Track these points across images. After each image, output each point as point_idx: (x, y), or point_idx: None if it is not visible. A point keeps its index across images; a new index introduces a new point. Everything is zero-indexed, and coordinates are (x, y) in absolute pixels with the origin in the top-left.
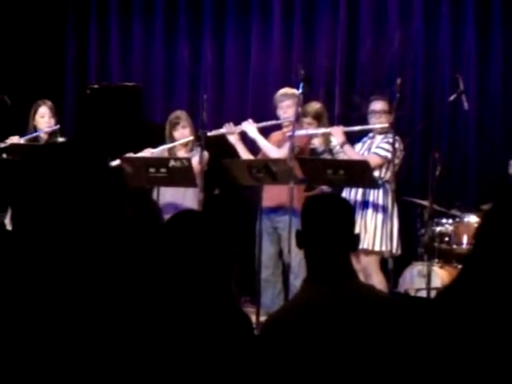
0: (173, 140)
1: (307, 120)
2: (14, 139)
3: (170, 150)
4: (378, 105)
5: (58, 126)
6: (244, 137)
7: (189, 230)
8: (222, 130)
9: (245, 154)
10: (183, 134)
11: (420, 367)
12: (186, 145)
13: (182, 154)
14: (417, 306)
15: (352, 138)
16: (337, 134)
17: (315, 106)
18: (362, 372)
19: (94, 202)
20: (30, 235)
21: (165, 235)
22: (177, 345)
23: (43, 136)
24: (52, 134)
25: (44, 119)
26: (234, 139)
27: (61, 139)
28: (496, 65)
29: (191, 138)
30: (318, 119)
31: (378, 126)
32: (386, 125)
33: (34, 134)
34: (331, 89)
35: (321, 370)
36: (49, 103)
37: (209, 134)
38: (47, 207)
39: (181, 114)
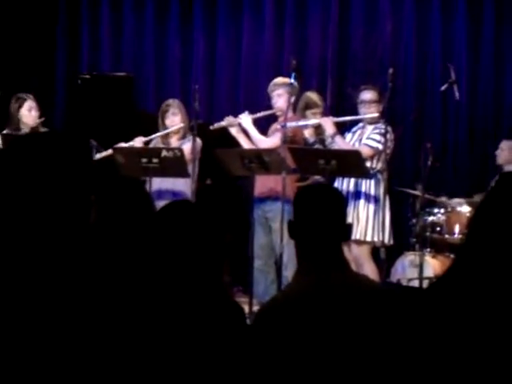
0: (165, 128)
1: (319, 110)
2: None
3: (163, 138)
4: (367, 94)
5: (42, 119)
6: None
7: (181, 219)
8: (223, 123)
9: (247, 145)
10: (173, 121)
11: (412, 356)
12: (177, 132)
13: (174, 141)
14: (409, 296)
15: (342, 128)
16: (327, 125)
17: (314, 94)
18: (354, 362)
19: (72, 193)
20: (7, 225)
21: (156, 225)
22: (168, 335)
23: (26, 129)
24: (35, 127)
25: (31, 113)
26: (235, 131)
27: (43, 129)
28: (487, 54)
29: (181, 125)
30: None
31: (368, 116)
32: (376, 115)
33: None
34: (323, 79)
35: (313, 360)
36: (31, 96)
37: (211, 127)
38: (25, 197)
39: (172, 101)
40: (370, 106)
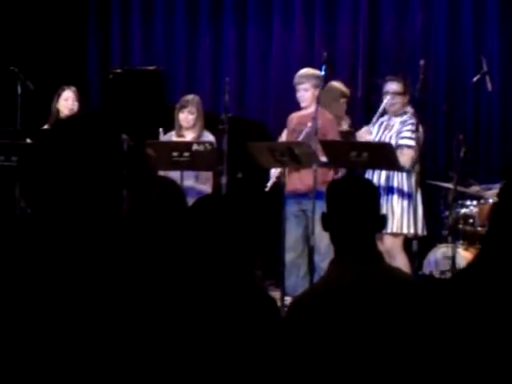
0: (178, 122)
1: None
2: None
3: (179, 134)
4: (391, 85)
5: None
6: None
7: (212, 213)
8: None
9: None
10: (187, 118)
11: (444, 348)
12: (191, 129)
13: (189, 139)
14: (441, 289)
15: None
16: (366, 137)
17: (339, 83)
18: (386, 353)
19: (105, 184)
20: (42, 217)
21: (189, 219)
22: (202, 329)
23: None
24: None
25: (68, 102)
26: None
27: None
28: None
29: (190, 122)
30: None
31: (384, 103)
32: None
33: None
34: (354, 71)
35: (346, 352)
36: (73, 88)
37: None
38: (60, 187)
39: (192, 99)
40: (394, 97)
